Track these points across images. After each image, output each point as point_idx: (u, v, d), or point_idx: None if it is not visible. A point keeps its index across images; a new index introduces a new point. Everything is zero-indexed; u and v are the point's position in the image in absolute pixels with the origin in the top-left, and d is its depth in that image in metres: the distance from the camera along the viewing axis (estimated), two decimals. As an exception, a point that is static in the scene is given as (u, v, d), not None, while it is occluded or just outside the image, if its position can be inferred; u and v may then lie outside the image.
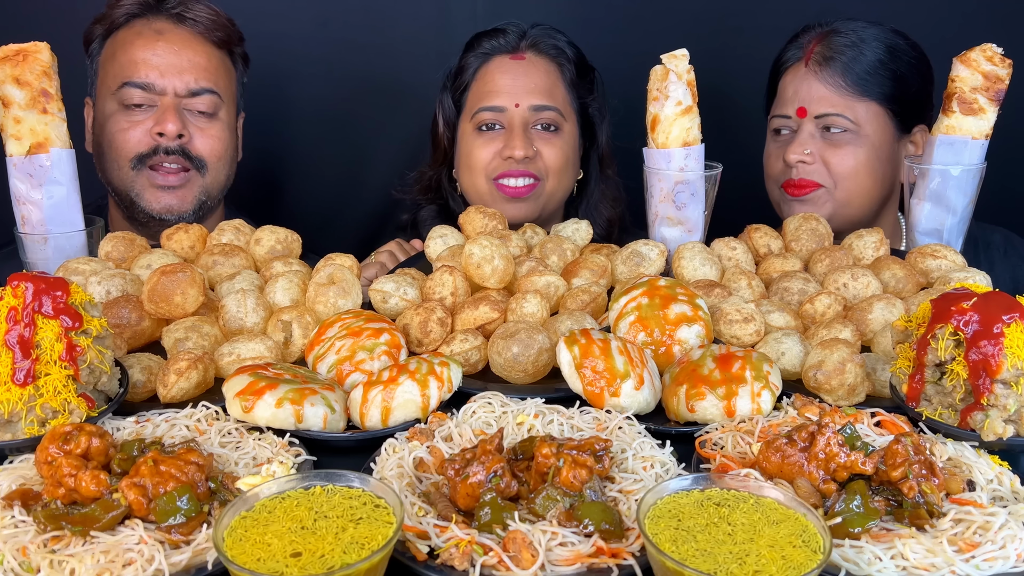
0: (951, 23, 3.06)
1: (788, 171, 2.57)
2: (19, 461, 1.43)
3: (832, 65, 2.53)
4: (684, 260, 2.15)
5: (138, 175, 2.57)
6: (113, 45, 2.61)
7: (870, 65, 2.53)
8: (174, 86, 2.55)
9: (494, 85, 2.63)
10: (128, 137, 2.55)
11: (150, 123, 2.54)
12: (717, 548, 1.13)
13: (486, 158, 2.62)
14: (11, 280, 1.50)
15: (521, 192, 2.60)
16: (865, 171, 2.54)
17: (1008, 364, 1.43)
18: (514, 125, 2.59)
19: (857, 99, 2.53)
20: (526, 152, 2.56)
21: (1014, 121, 2.31)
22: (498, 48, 2.67)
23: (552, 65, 2.68)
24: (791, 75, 2.60)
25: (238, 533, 1.15)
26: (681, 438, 1.59)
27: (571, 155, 2.70)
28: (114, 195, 2.67)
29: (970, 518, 1.26)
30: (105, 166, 2.63)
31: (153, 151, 2.55)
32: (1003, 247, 2.71)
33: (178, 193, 2.60)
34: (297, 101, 3.31)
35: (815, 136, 2.55)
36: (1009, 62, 2.18)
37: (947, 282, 1.99)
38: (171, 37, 2.57)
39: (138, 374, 1.72)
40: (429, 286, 2.03)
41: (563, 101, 2.67)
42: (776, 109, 2.65)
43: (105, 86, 2.60)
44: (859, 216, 2.60)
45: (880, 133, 2.56)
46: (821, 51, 2.55)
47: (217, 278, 2.08)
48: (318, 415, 1.56)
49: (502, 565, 1.19)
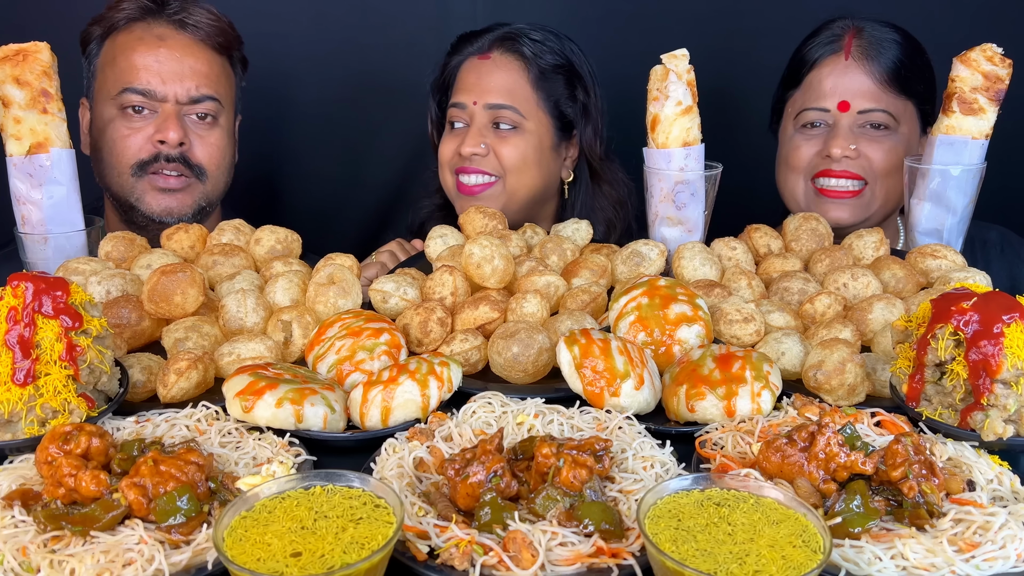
0: (951, 23, 3.07)
1: (823, 163, 2.52)
2: (19, 461, 1.43)
3: (877, 60, 2.50)
4: (684, 260, 2.15)
5: (138, 181, 2.57)
6: (112, 49, 2.59)
7: (909, 63, 2.52)
8: (175, 93, 2.55)
9: (461, 84, 2.69)
10: (129, 144, 2.54)
11: (151, 129, 2.54)
12: (717, 548, 1.13)
13: (447, 154, 2.69)
14: (11, 280, 1.50)
15: (474, 190, 2.63)
16: (902, 169, 2.52)
17: (1008, 364, 1.43)
18: (473, 122, 2.64)
19: (897, 96, 2.52)
20: (474, 149, 2.60)
21: (1014, 121, 2.31)
22: (471, 50, 2.71)
23: (517, 64, 2.67)
24: (828, 67, 2.54)
25: (238, 533, 1.15)
26: (681, 438, 1.59)
27: (532, 153, 2.66)
28: (112, 199, 2.66)
29: (970, 518, 1.26)
30: (104, 171, 2.62)
31: (154, 158, 2.55)
32: (1000, 244, 2.71)
33: (178, 196, 2.60)
34: (297, 101, 3.31)
35: (854, 131, 2.52)
36: (1009, 62, 2.18)
37: (947, 282, 1.99)
38: (173, 43, 2.56)
39: (138, 374, 1.72)
40: (429, 286, 2.03)
41: (524, 100, 2.65)
42: (810, 102, 2.56)
43: (104, 90, 2.58)
44: (887, 215, 2.59)
45: (912, 133, 2.57)
46: (862, 45, 2.52)
47: (217, 278, 2.08)
48: (318, 415, 1.56)
49: (502, 565, 1.19)
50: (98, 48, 2.63)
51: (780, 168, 2.70)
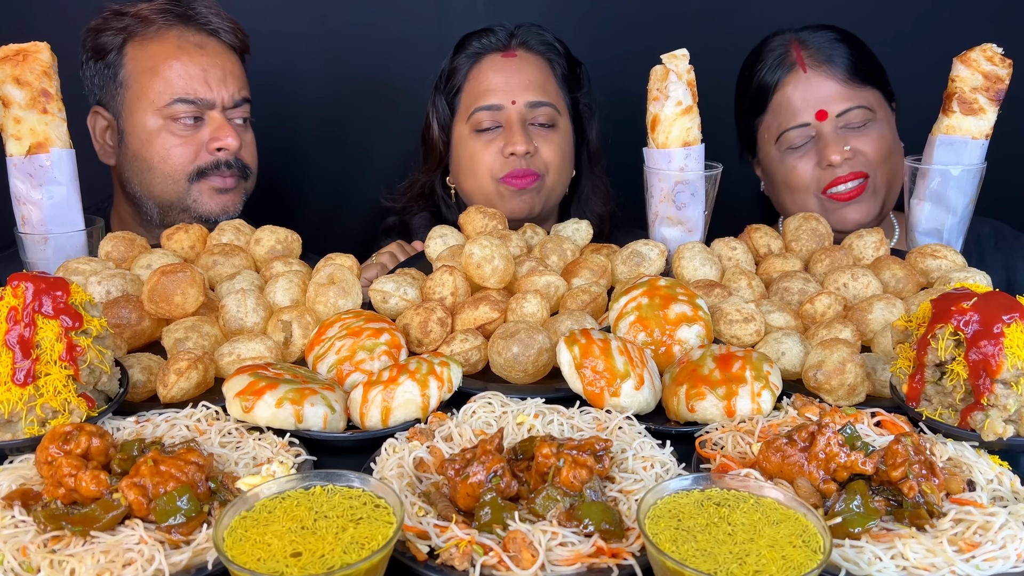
0: (951, 23, 3.07)
1: (827, 174, 2.55)
2: (19, 461, 1.43)
3: (832, 63, 2.56)
4: (684, 260, 2.15)
5: (194, 184, 2.60)
6: (146, 58, 2.57)
7: (859, 55, 2.59)
8: (222, 99, 2.59)
9: (488, 84, 2.63)
10: (184, 152, 2.57)
11: (204, 136, 2.58)
12: (717, 548, 1.13)
13: (489, 159, 2.61)
14: (11, 280, 1.50)
15: (525, 182, 2.60)
16: (894, 150, 2.60)
17: (1008, 364, 1.43)
18: (512, 122, 2.59)
19: (861, 87, 2.57)
20: (527, 147, 2.56)
21: (1014, 121, 2.31)
22: (488, 47, 2.67)
23: (543, 61, 2.68)
24: (791, 85, 2.59)
25: (238, 533, 1.15)
26: (681, 438, 1.59)
27: (567, 151, 2.70)
28: (154, 206, 2.65)
29: (970, 518, 1.26)
30: (152, 180, 2.61)
31: (214, 165, 2.59)
32: (993, 238, 2.73)
33: (231, 195, 2.65)
34: (296, 101, 3.30)
35: (839, 133, 2.56)
36: (1009, 62, 2.18)
37: (947, 282, 1.99)
38: (211, 50, 2.61)
39: (138, 374, 1.72)
40: (429, 286, 2.03)
41: (557, 97, 2.67)
42: (787, 122, 2.60)
43: (146, 99, 2.56)
44: (894, 200, 2.63)
45: (887, 115, 2.63)
46: (812, 54, 2.58)
47: (217, 278, 2.08)
48: (318, 415, 1.56)
49: (502, 565, 1.19)
50: (121, 56, 2.60)
51: (780, 191, 2.71)
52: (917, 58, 2.91)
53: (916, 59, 2.88)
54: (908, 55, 3.02)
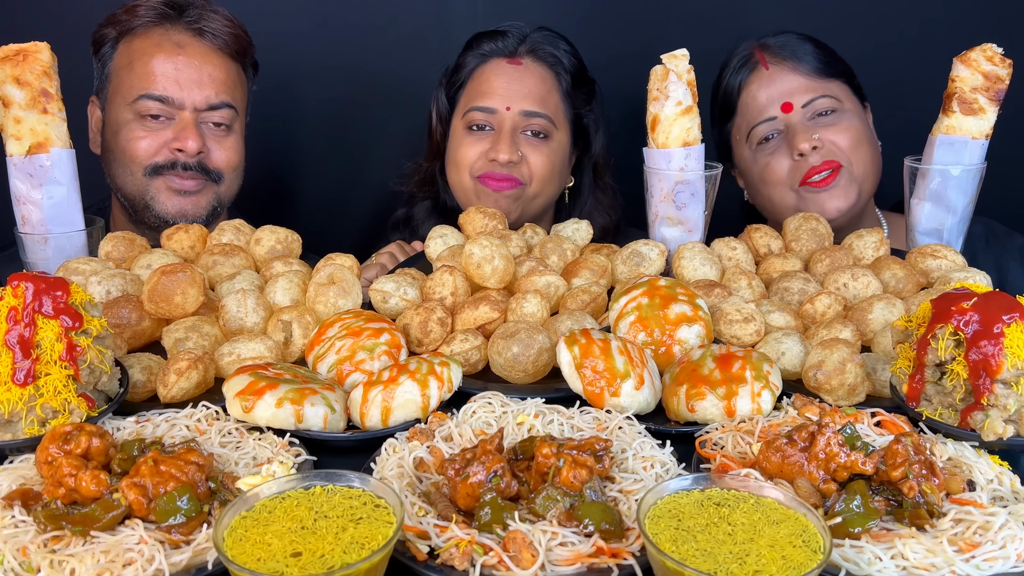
0: (951, 23, 3.07)
1: (801, 165, 2.56)
2: (19, 461, 1.43)
3: (794, 58, 2.61)
4: (684, 260, 2.15)
5: (152, 180, 2.57)
6: (129, 52, 2.58)
7: (822, 50, 2.63)
8: (193, 100, 2.55)
9: (488, 86, 2.64)
10: (144, 146, 2.55)
11: (168, 135, 2.55)
12: (717, 548, 1.13)
13: (471, 157, 2.64)
14: (11, 280, 1.50)
15: (503, 186, 2.61)
16: (866, 140, 2.60)
17: (1008, 364, 1.43)
18: (503, 128, 2.60)
19: (826, 80, 2.60)
20: (510, 156, 2.57)
21: (1014, 121, 2.31)
22: (497, 50, 2.67)
23: (549, 73, 2.68)
24: (755, 84, 2.63)
25: (238, 533, 1.15)
26: (681, 438, 1.59)
27: (558, 163, 2.69)
28: (123, 200, 2.66)
29: (970, 518, 1.26)
30: (116, 171, 2.62)
31: (171, 164, 2.56)
32: (984, 236, 2.74)
33: (193, 199, 2.61)
34: (297, 101, 3.30)
35: (807, 124, 2.57)
36: (1009, 62, 2.18)
37: (947, 282, 1.99)
38: (191, 51, 2.57)
39: (138, 374, 1.72)
40: (429, 286, 2.03)
41: (555, 109, 2.66)
42: (755, 118, 2.63)
43: (120, 94, 2.58)
44: (873, 190, 2.64)
45: (855, 107, 2.65)
46: (774, 53, 2.62)
47: (217, 278, 2.08)
48: (318, 415, 1.56)
49: (502, 565, 1.19)
50: (112, 50, 2.62)
51: (758, 189, 2.73)
52: (917, 58, 2.91)
53: (916, 59, 2.88)
54: (908, 55, 3.03)
